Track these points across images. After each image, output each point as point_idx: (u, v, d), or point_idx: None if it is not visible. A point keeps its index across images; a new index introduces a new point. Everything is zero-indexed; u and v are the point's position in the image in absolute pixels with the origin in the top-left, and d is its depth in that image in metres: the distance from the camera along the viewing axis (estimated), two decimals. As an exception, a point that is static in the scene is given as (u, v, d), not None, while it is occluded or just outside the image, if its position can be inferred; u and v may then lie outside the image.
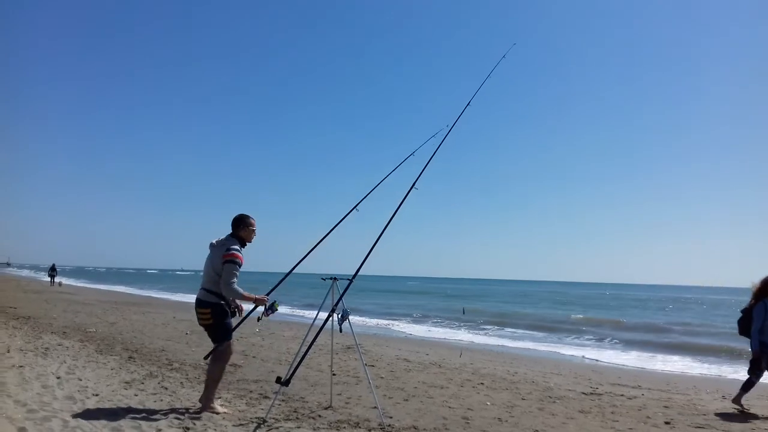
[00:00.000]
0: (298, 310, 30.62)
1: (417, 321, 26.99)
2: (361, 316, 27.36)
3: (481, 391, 8.30)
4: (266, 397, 6.86)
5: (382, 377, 8.92)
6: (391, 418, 6.19)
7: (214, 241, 6.01)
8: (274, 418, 5.85)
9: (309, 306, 30.16)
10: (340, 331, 6.22)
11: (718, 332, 24.08)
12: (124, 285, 58.03)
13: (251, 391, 7.28)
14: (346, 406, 6.64)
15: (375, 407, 6.21)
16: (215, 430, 5.37)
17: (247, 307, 6.40)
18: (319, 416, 6.09)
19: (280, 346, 12.41)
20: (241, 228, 6.07)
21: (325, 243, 6.95)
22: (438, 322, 26.65)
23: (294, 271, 7.08)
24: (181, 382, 7.66)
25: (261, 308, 6.18)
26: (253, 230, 6.16)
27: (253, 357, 10.50)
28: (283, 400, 6.70)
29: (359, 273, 6.31)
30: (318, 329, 6.05)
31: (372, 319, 26.56)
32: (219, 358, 5.97)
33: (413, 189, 6.61)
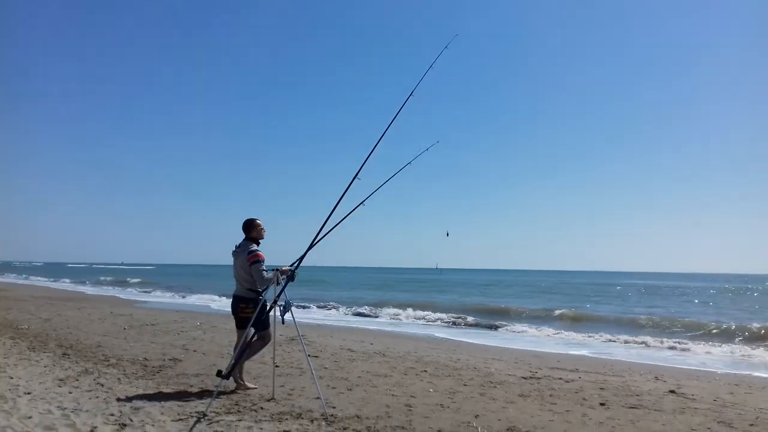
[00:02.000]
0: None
1: (370, 312, 27.01)
2: (314, 307, 27.18)
3: (424, 378, 8.38)
4: (207, 391, 6.75)
5: (325, 368, 8.90)
6: (334, 408, 6.18)
7: (234, 249, 7.00)
8: (214, 412, 5.77)
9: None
10: (282, 322, 6.19)
11: (662, 318, 25.07)
12: (60, 280, 55.98)
13: (191, 386, 7.16)
14: (288, 398, 6.60)
15: (318, 398, 6.20)
16: (153, 425, 5.26)
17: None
18: (262, 408, 6.04)
19: (222, 339, 12.24)
20: (252, 230, 7.02)
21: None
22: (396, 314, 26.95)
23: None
24: (119, 378, 7.48)
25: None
26: (262, 229, 7.07)
27: (194, 351, 10.31)
28: (224, 394, 6.61)
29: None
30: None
31: (320, 311, 26.41)
32: (261, 340, 6.83)
33: (356, 179, 6.59)
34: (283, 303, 6.26)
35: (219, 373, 6.10)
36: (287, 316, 6.28)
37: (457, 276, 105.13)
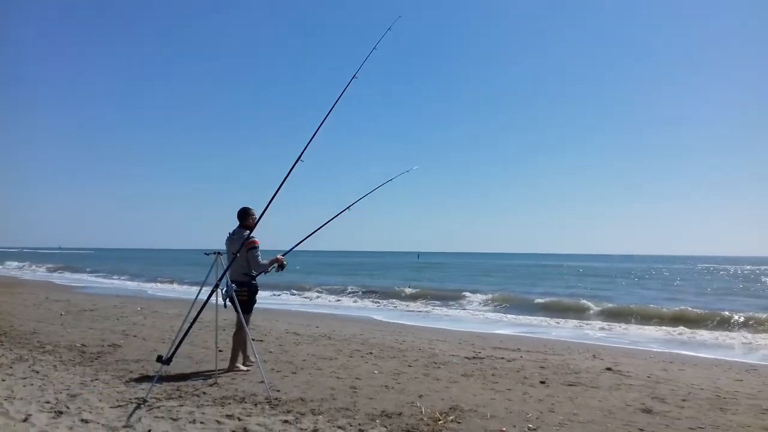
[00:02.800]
0: (186, 287, 29.77)
1: (329, 294, 26.93)
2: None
3: (369, 360, 8.42)
4: (147, 377, 6.61)
5: (270, 351, 8.84)
6: (278, 391, 6.15)
7: (228, 235, 7.27)
8: (155, 398, 5.65)
9: (197, 283, 29.26)
10: (225, 306, 6.09)
11: (608, 297, 25.82)
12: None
13: (131, 372, 7.00)
14: (232, 382, 6.52)
15: (262, 381, 6.14)
16: (91, 412, 5.13)
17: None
18: (204, 393, 5.95)
19: (163, 324, 12.00)
20: (248, 218, 7.33)
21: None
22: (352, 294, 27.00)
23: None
24: (55, 365, 7.26)
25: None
26: (255, 218, 7.27)
27: (134, 336, 10.08)
28: (165, 379, 6.48)
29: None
30: (201, 305, 5.91)
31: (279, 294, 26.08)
32: (242, 326, 6.91)
33: (299, 161, 6.51)
34: (225, 287, 6.15)
35: (159, 359, 5.97)
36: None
37: (434, 260, 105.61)
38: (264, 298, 23.94)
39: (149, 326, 11.61)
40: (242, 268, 7.07)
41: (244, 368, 7.21)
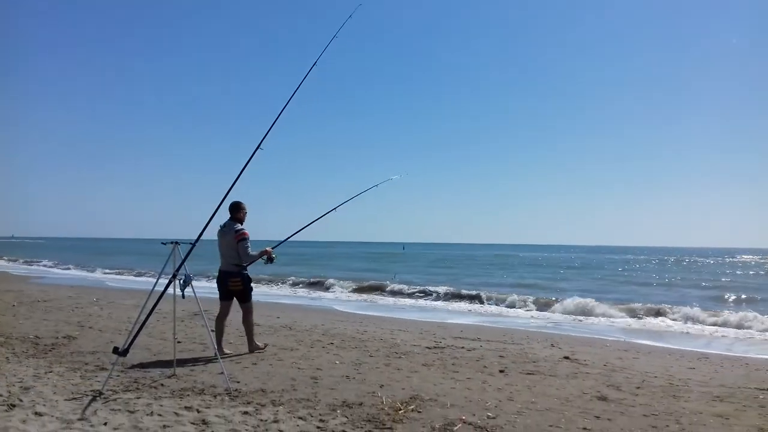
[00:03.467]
0: (143, 277, 29.29)
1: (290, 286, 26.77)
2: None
3: (330, 350, 8.41)
4: (103, 369, 6.49)
5: (230, 342, 8.75)
6: (238, 382, 6.09)
7: (220, 228, 7.70)
8: (111, 390, 5.54)
9: (155, 274, 28.78)
10: (182, 297, 6.00)
11: (570, 288, 26.25)
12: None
13: (87, 363, 6.85)
14: (191, 374, 6.44)
15: (221, 373, 6.08)
16: (45, 405, 5.00)
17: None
18: (162, 385, 5.86)
19: (120, 315, 11.78)
20: (239, 212, 7.79)
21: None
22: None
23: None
24: (7, 357, 7.07)
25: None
26: (245, 212, 7.86)
27: (90, 327, 9.87)
28: (122, 371, 6.37)
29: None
30: (158, 296, 5.81)
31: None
32: (249, 312, 7.95)
33: (258, 149, 6.44)
34: (183, 277, 6.05)
35: (116, 350, 5.84)
36: (188, 290, 6.08)
37: (417, 251, 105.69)
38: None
39: (105, 317, 11.38)
40: (233, 258, 7.61)
41: (262, 345, 8.24)
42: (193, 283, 6.08)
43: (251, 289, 7.92)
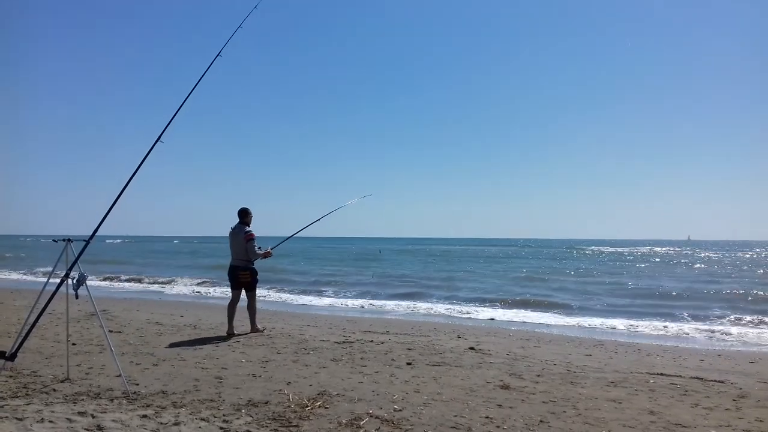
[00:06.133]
0: (40, 278, 27.59)
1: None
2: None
3: (236, 349, 8.22)
4: (-12, 376, 6.05)
5: (130, 343, 8.39)
6: (137, 385, 5.84)
7: (231, 229, 9.47)
8: (-4, 398, 5.17)
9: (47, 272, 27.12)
10: (76, 297, 5.67)
11: (484, 279, 26.78)
12: None
13: (-31, 371, 6.36)
14: (86, 377, 6.13)
15: (119, 375, 5.81)
16: None
17: None
18: (54, 390, 5.53)
19: (10, 316, 11.05)
20: (246, 217, 9.52)
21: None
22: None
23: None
24: None
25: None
26: (251, 216, 9.55)
27: (-25, 331, 9.19)
28: (10, 377, 5.97)
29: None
30: (49, 296, 5.46)
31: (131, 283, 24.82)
32: (253, 299, 9.65)
33: (159, 142, 6.18)
34: (77, 275, 5.73)
35: (3, 354, 5.45)
36: (82, 290, 5.75)
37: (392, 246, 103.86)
38: (128, 290, 22.86)
39: (-8, 320, 10.65)
40: (243, 254, 9.34)
41: (261, 328, 9.81)
42: (87, 282, 5.75)
43: (257, 281, 9.58)
